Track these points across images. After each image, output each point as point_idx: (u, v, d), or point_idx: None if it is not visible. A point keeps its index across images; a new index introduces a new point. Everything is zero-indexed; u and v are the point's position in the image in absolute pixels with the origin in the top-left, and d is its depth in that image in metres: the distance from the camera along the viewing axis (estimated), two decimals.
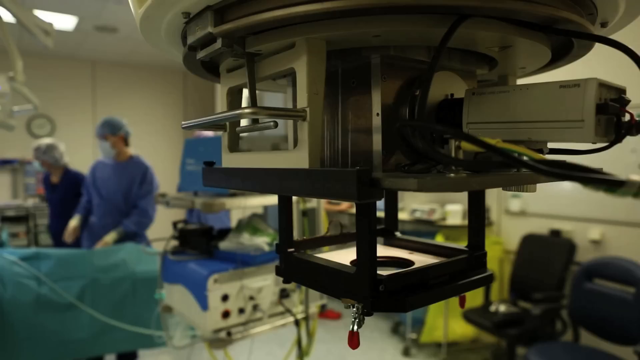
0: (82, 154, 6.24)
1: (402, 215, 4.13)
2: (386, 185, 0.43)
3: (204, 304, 1.76)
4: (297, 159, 0.49)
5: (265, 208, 2.36)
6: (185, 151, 2.03)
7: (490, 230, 3.79)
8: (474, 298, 3.44)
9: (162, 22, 0.55)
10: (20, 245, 5.47)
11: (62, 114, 6.18)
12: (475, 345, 3.81)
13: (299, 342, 2.02)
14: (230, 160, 0.62)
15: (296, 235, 2.35)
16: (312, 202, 2.14)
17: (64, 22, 4.81)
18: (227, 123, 0.63)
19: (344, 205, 4.64)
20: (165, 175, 4.91)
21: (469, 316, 3.29)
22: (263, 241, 1.88)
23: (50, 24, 2.84)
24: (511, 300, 3.39)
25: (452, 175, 0.43)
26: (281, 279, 1.83)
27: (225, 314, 1.79)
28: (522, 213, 3.71)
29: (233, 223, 4.71)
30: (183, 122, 0.58)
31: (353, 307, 0.57)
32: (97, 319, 2.58)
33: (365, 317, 0.55)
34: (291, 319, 1.98)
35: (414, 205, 4.20)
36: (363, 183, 0.42)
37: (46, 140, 3.74)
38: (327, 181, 0.44)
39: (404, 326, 3.99)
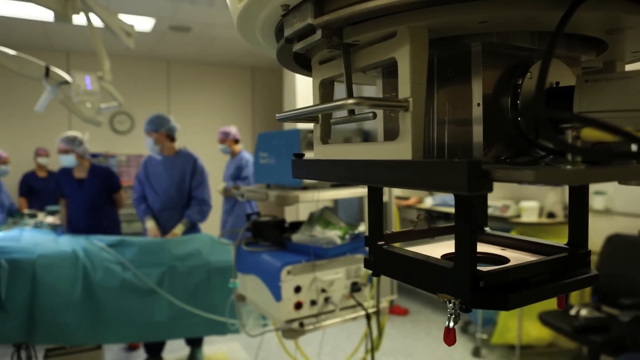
0: None
1: None
2: (498, 177, 0.41)
3: (277, 295, 1.80)
4: (399, 150, 0.48)
5: (336, 201, 2.37)
6: (258, 145, 2.08)
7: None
8: (552, 300, 3.26)
9: (259, 16, 0.57)
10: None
11: (140, 110, 6.55)
12: (551, 349, 3.62)
13: (370, 336, 2.02)
14: (322, 152, 0.63)
15: (367, 229, 2.34)
16: (384, 195, 2.12)
17: (142, 23, 5.09)
18: (320, 115, 0.63)
19: (412, 199, 4.56)
20: None
21: (546, 319, 3.12)
22: (335, 234, 1.89)
23: (132, 26, 3.01)
24: (593, 305, 3.18)
25: (569, 167, 0.41)
26: (352, 272, 1.83)
27: (298, 305, 1.82)
28: (606, 211, 3.46)
29: (302, 216, 4.78)
30: (278, 114, 0.59)
31: (449, 303, 0.55)
32: (175, 304, 2.72)
33: (433, 315, 0.53)
34: (361, 312, 1.98)
35: None
36: (474, 175, 0.40)
37: (73, 132, 3.66)
38: (434, 173, 0.43)
39: (474, 326, 3.87)
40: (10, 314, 2.43)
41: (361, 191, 2.04)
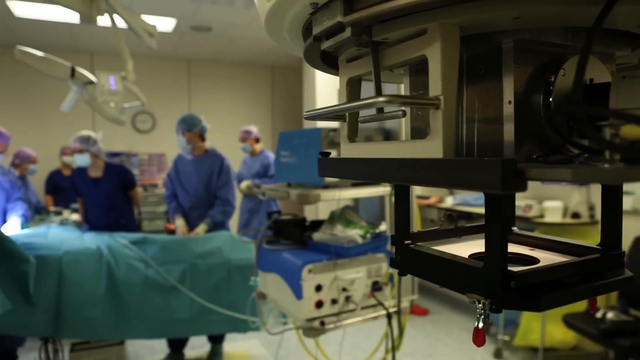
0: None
1: None
2: (533, 175, 0.40)
3: (298, 293, 1.80)
4: (430, 148, 0.48)
5: (357, 200, 2.37)
6: (279, 143, 2.09)
7: (595, 230, 3.50)
8: (577, 302, 3.19)
9: (287, 15, 0.57)
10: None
11: (161, 110, 6.64)
12: (576, 353, 3.55)
13: (391, 335, 2.01)
14: (349, 150, 0.62)
15: (388, 228, 2.33)
16: None
17: (164, 24, 5.15)
18: (347, 113, 0.63)
19: (433, 199, 4.53)
20: None
21: (571, 321, 3.06)
22: (356, 233, 1.89)
23: (154, 26, 3.05)
24: (621, 308, 3.10)
25: (606, 165, 0.40)
26: (373, 271, 1.82)
27: (319, 304, 1.82)
28: (634, 212, 3.38)
29: (322, 215, 4.79)
30: (306, 112, 0.59)
31: (478, 303, 0.55)
32: (196, 301, 2.75)
33: (453, 316, 0.53)
34: (382, 312, 1.97)
35: None
36: (508, 173, 0.40)
37: (87, 132, 3.63)
38: (466, 171, 0.43)
39: (496, 327, 3.82)
40: (38, 308, 2.49)
41: (382, 190, 2.03)
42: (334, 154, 0.68)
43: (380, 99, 0.45)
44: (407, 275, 0.69)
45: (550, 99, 0.52)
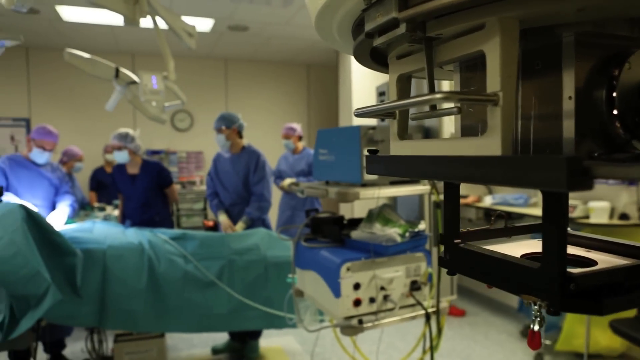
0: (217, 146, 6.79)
1: (535, 211, 3.83)
2: (600, 173, 0.39)
3: (336, 291, 1.80)
4: (487, 145, 0.47)
5: (395, 199, 2.35)
6: (317, 141, 2.09)
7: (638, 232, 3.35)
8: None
9: (339, 12, 0.57)
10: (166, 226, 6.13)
11: (199, 108, 6.77)
12: None
13: (429, 336, 1.99)
14: (400, 147, 0.62)
15: (427, 227, 2.30)
16: (441, 195, 2.08)
17: (202, 24, 5.25)
18: (397, 110, 0.62)
19: (471, 198, 4.44)
20: None
21: (618, 327, 2.94)
22: (395, 232, 1.87)
23: (193, 27, 3.11)
24: None
25: None
26: (412, 270, 1.80)
27: (357, 302, 1.81)
28: None
29: (357, 213, 4.77)
30: (356, 109, 0.59)
31: (534, 305, 0.53)
32: (234, 297, 2.79)
33: (491, 318, 0.51)
34: (421, 312, 1.95)
35: None
36: (574, 171, 0.38)
37: (125, 129, 3.73)
38: (528, 168, 0.41)
39: None
40: (84, 299, 2.59)
41: (421, 189, 2.01)
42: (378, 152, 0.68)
43: (438, 95, 0.44)
44: (447, 275, 0.68)
45: (614, 94, 0.50)
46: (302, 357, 3.63)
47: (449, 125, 2.03)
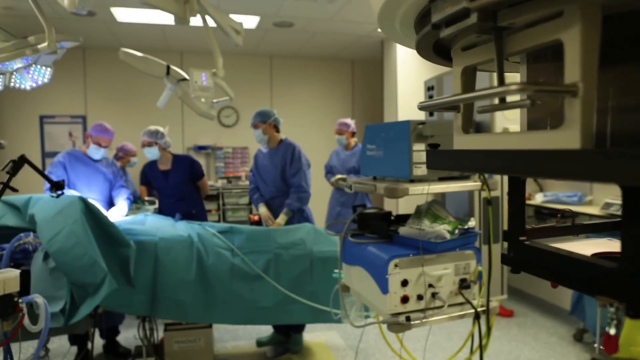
0: None
1: (590, 210, 3.66)
2: None
3: (383, 287, 1.79)
4: (564, 138, 0.45)
5: (443, 195, 2.30)
6: (365, 137, 2.08)
7: None
8: None
9: (403, 5, 0.56)
10: (213, 220, 6.29)
11: (244, 105, 6.89)
12: None
13: (479, 335, 1.94)
14: (463, 141, 0.60)
15: (477, 224, 2.24)
16: (496, 191, 2.02)
17: (248, 21, 5.32)
18: (462, 104, 0.61)
19: None
20: None
21: None
22: (444, 229, 1.84)
23: (240, 24, 3.15)
24: None
25: None
26: (461, 268, 1.76)
27: (404, 299, 1.79)
28: None
29: (402, 209, 4.72)
30: (420, 102, 0.58)
31: (610, 307, 0.51)
32: (279, 291, 2.83)
33: (541, 319, 0.48)
34: (469, 310, 1.91)
35: (607, 198, 3.68)
36: None
37: (155, 126, 3.78)
38: (612, 163, 0.39)
39: (591, 334, 3.56)
40: (137, 289, 2.69)
41: (472, 185, 1.95)
42: (421, 147, 0.66)
43: (513, 87, 0.42)
44: (497, 275, 0.65)
45: None
46: (345, 353, 3.64)
47: (501, 119, 1.97)
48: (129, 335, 3.75)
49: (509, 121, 2.02)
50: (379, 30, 5.57)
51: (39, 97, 6.27)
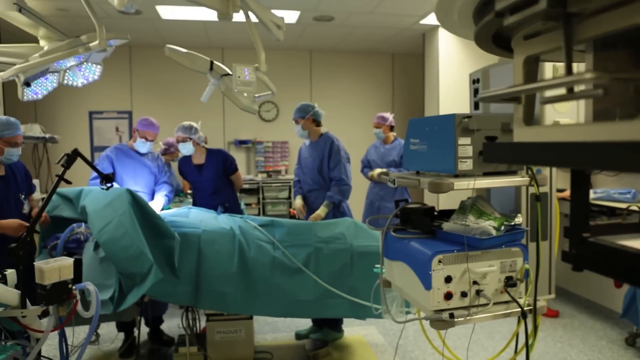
0: None
1: None
2: None
3: (427, 283, 1.76)
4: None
5: (488, 190, 2.25)
6: (408, 131, 2.05)
7: None
8: None
9: None
10: (253, 214, 6.39)
11: (284, 99, 6.93)
12: None
13: (525, 336, 1.89)
14: (525, 134, 0.58)
15: (524, 221, 2.18)
16: (545, 187, 1.95)
17: (288, 16, 5.35)
18: (524, 95, 0.58)
19: (568, 192, 4.14)
20: None
21: None
22: (490, 225, 1.79)
23: (282, 18, 3.16)
24: None
25: None
26: (507, 266, 1.71)
27: (448, 296, 1.76)
28: None
29: (442, 205, 4.65)
30: (482, 92, 0.56)
31: None
32: (320, 284, 2.84)
33: (590, 322, 0.45)
34: (515, 309, 1.86)
35: None
36: None
37: (189, 122, 3.79)
38: None
39: None
40: (181, 280, 2.76)
41: (520, 180, 1.90)
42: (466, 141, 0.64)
43: (588, 75, 0.40)
44: (544, 273, 0.63)
45: None
46: (383, 348, 3.62)
47: (551, 112, 1.90)
48: (172, 325, 3.86)
49: (560, 114, 1.94)
50: (423, 22, 5.47)
51: (89, 93, 6.52)
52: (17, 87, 2.59)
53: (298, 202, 3.73)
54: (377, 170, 4.35)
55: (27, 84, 2.59)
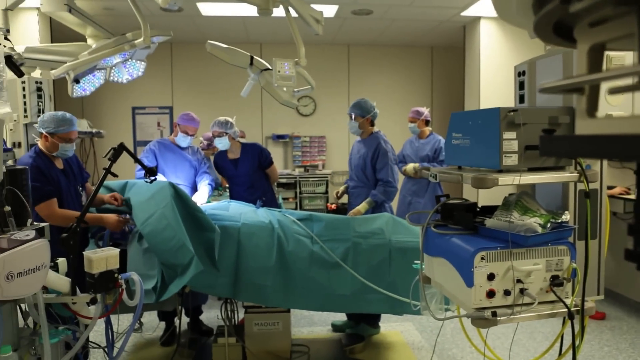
0: (340, 130, 6.91)
1: None
2: None
3: (468, 281, 1.73)
4: None
5: (533, 186, 2.18)
6: (451, 125, 2.01)
7: None
8: None
9: None
10: (290, 208, 6.44)
11: (322, 94, 6.94)
12: None
13: (572, 337, 1.82)
14: (588, 126, 0.56)
15: (571, 219, 2.10)
16: (594, 183, 1.87)
17: (326, 10, 5.33)
18: (587, 85, 0.56)
19: (617, 189, 3.96)
20: None
21: None
22: (535, 222, 1.74)
23: (320, 13, 3.15)
24: None
25: None
26: (553, 264, 1.65)
27: (490, 294, 1.73)
28: None
29: (482, 201, 4.56)
30: (543, 83, 0.54)
31: None
32: (357, 279, 2.83)
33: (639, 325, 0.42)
34: (561, 309, 1.80)
35: None
36: None
37: (224, 117, 3.79)
38: None
39: None
40: (221, 272, 2.80)
41: (567, 176, 1.83)
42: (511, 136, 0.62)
43: None
44: (593, 274, 0.59)
45: None
46: (420, 345, 3.59)
47: (604, 105, 1.81)
48: (211, 316, 3.95)
49: (613, 107, 1.86)
50: (464, 14, 5.33)
51: (132, 89, 6.72)
52: (67, 84, 2.69)
53: (342, 189, 3.86)
54: (411, 165, 4.29)
55: (77, 80, 2.69)
